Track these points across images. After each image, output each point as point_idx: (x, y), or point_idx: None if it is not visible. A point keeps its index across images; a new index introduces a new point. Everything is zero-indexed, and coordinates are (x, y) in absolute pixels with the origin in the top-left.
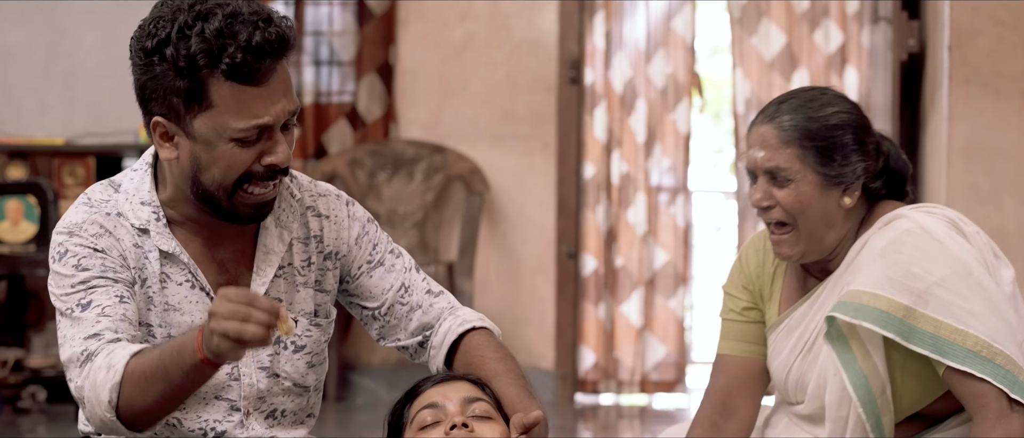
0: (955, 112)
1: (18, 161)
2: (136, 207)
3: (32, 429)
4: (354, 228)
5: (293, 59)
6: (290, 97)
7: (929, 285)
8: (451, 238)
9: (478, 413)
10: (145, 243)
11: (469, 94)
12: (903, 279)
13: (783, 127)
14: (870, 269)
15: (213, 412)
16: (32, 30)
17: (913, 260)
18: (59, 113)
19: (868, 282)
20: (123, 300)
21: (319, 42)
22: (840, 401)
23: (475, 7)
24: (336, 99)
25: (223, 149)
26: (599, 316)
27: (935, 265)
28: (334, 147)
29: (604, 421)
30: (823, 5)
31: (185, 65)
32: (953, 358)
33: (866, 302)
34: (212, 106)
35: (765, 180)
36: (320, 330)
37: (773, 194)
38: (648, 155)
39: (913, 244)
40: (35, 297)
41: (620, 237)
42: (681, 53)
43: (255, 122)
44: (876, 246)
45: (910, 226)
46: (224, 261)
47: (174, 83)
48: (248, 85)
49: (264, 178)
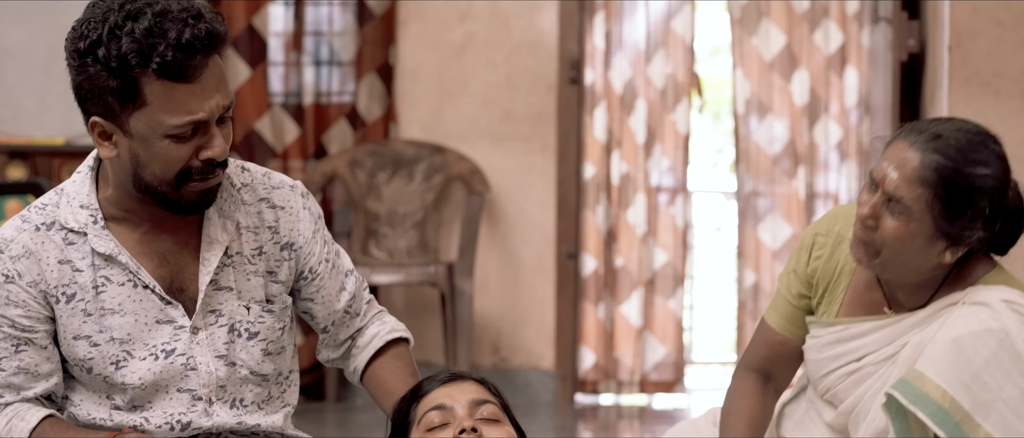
0: (955, 112)
1: (18, 161)
2: (75, 210)
3: None
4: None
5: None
6: (224, 91)
7: (997, 401)
8: (451, 238)
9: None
10: (75, 254)
11: (469, 94)
12: (970, 383)
13: (927, 165)
14: (941, 356)
15: (176, 405)
16: (32, 30)
17: (986, 368)
18: (59, 113)
19: (934, 370)
20: (18, 349)
21: (319, 42)
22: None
23: (475, 7)
24: (336, 99)
25: (160, 146)
26: (599, 316)
27: (1008, 383)
28: (334, 147)
29: (604, 421)
30: (823, 5)
31: (117, 65)
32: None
33: (928, 391)
34: (146, 104)
35: (883, 199)
36: (273, 317)
37: (881, 218)
38: (648, 155)
39: (993, 350)
40: None
41: (620, 237)
42: (681, 53)
43: (189, 118)
44: (954, 331)
45: (995, 326)
46: (165, 253)
47: (108, 83)
48: (180, 82)
49: (203, 173)
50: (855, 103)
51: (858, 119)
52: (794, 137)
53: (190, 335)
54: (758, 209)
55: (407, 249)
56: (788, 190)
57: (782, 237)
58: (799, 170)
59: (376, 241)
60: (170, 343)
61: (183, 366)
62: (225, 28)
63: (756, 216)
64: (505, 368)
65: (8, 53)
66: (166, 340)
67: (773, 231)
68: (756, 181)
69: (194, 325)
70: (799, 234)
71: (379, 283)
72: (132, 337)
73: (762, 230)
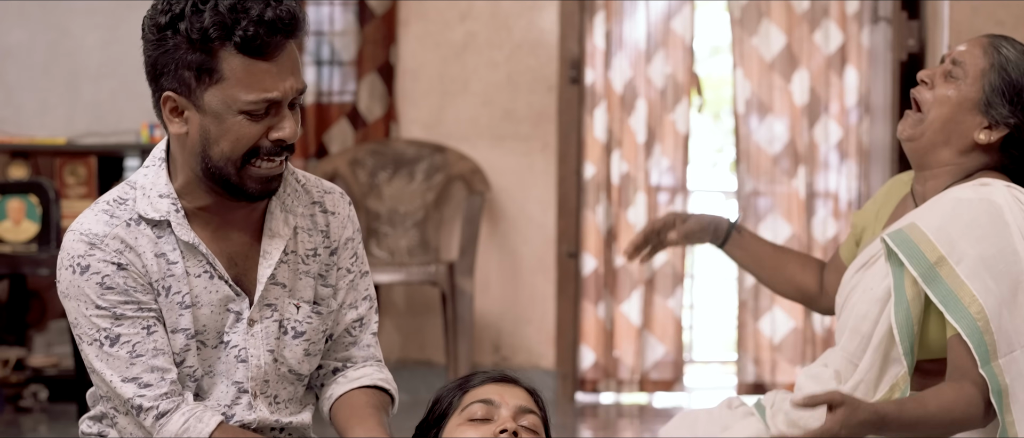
0: None
1: (20, 161)
2: (154, 200)
3: (33, 428)
4: (348, 229)
5: (302, 42)
6: (298, 76)
7: (973, 253)
8: (452, 237)
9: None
10: (166, 246)
11: (470, 94)
12: (954, 235)
13: (994, 47)
14: (936, 211)
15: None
16: (34, 30)
17: (971, 226)
18: (61, 113)
19: (925, 221)
20: (150, 331)
21: (320, 42)
22: (866, 314)
23: (476, 7)
24: (337, 99)
25: (232, 122)
26: (599, 315)
27: (987, 241)
28: (335, 147)
29: (604, 420)
30: (823, 5)
31: (198, 37)
32: (953, 314)
33: (913, 236)
34: (223, 79)
35: (943, 69)
36: (320, 319)
37: (936, 84)
38: (648, 155)
39: (983, 212)
40: (37, 296)
41: (620, 237)
42: (680, 53)
43: (264, 96)
44: (955, 195)
45: (991, 197)
46: (233, 247)
47: (186, 56)
48: (259, 59)
49: (271, 153)
50: (855, 103)
51: (858, 119)
52: (794, 137)
53: (247, 327)
54: (758, 209)
55: (408, 248)
56: (788, 190)
57: (782, 236)
58: (799, 170)
59: (377, 240)
60: (228, 333)
61: (235, 358)
62: (304, 15)
63: (756, 216)
64: (506, 367)
65: (10, 53)
66: (228, 327)
67: (773, 230)
68: (756, 181)
69: (251, 317)
70: (799, 233)
71: (380, 282)
72: (207, 328)
73: (762, 229)
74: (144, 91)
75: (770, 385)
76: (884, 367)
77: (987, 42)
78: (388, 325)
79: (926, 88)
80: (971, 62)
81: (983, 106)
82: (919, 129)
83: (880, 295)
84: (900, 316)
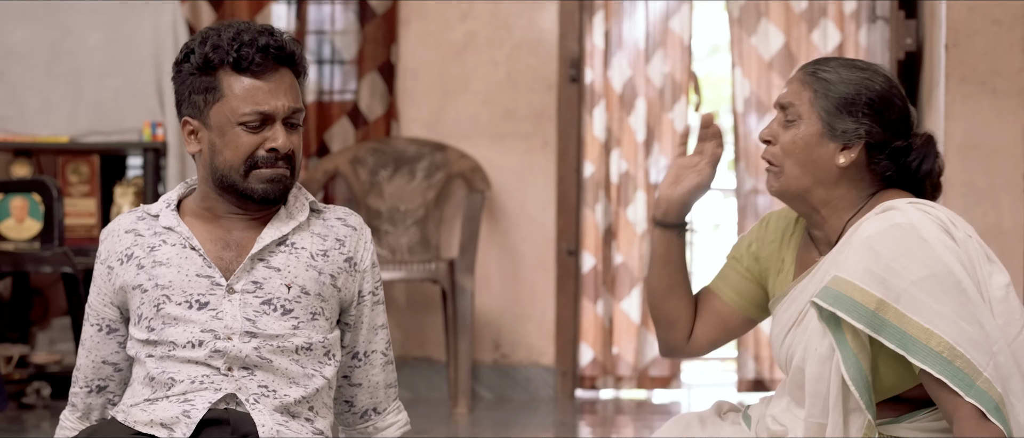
0: (952, 110)
1: (23, 159)
2: (160, 204)
3: (37, 425)
4: (372, 252)
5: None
6: (293, 97)
7: (906, 284)
8: (452, 235)
9: None
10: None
11: (470, 93)
12: (882, 273)
13: (811, 73)
14: (854, 257)
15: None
16: (36, 29)
17: (895, 256)
18: (63, 111)
19: (848, 270)
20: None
21: (321, 41)
22: (819, 375)
23: (476, 6)
24: (338, 97)
25: (232, 133)
26: (598, 313)
27: (915, 264)
28: (336, 145)
29: (603, 416)
30: (821, 5)
31: (202, 63)
32: (916, 356)
33: (844, 291)
34: (223, 96)
35: (779, 116)
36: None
37: (776, 133)
38: (647, 154)
39: (899, 240)
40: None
41: (619, 235)
42: (679, 53)
43: (257, 108)
44: (865, 233)
45: (901, 220)
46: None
47: (196, 82)
48: (253, 78)
49: (268, 163)
50: None
51: None
52: None
53: (225, 293)
54: (757, 207)
55: (409, 246)
56: None
57: None
58: None
59: (378, 238)
60: (206, 296)
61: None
62: (301, 53)
63: (755, 214)
64: (506, 364)
65: (12, 52)
66: (202, 292)
67: None
68: (755, 179)
69: (230, 285)
70: None
71: None
72: (172, 284)
73: None
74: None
75: (770, 382)
76: (848, 419)
77: (804, 75)
78: (389, 322)
79: (771, 146)
80: (798, 100)
81: (829, 132)
82: (782, 181)
83: (825, 354)
84: (851, 371)
